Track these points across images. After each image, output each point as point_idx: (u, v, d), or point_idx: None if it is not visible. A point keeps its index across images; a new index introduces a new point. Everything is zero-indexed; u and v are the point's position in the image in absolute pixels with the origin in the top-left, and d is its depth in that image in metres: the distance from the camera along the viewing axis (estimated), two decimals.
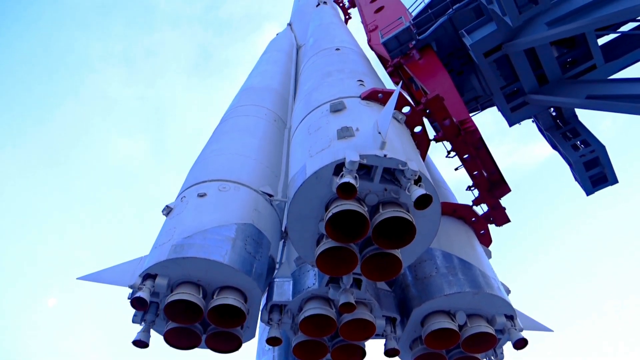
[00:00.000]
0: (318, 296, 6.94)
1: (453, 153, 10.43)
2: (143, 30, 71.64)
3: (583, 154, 13.36)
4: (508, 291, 7.89)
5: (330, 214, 5.41)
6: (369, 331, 6.93)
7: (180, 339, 6.53)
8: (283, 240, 8.23)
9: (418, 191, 5.13)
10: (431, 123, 12.45)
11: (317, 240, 6.06)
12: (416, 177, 5.36)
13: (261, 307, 6.97)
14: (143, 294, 5.81)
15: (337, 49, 10.52)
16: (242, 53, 73.61)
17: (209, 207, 7.00)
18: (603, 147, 13.22)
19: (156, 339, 6.49)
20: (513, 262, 47.69)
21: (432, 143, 8.28)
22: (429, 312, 7.20)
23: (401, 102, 6.96)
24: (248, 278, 6.25)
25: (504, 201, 10.67)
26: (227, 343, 6.65)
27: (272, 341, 6.70)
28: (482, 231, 9.31)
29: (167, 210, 7.22)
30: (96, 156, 59.39)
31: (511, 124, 14.02)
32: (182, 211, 6.98)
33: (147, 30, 71.82)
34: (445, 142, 10.28)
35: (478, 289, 7.10)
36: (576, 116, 14.38)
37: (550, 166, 55.41)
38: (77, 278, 7.25)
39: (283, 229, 8.01)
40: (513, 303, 7.40)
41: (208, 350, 6.70)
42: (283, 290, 7.14)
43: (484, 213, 10.57)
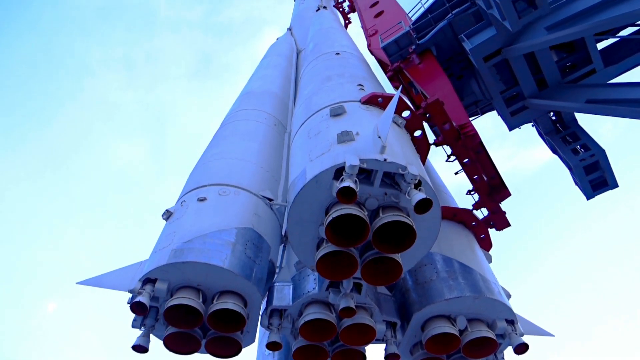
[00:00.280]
0: (318, 301, 6.92)
1: (453, 157, 10.44)
2: (143, 34, 71.90)
3: (583, 158, 13.35)
4: (508, 295, 7.88)
5: (330, 218, 5.42)
6: (369, 336, 6.91)
7: (180, 344, 6.51)
8: (283, 244, 8.22)
9: (418, 195, 5.13)
10: (431, 127, 12.49)
11: (317, 244, 6.05)
12: (416, 181, 5.36)
13: (261, 312, 6.96)
14: (143, 299, 5.80)
15: (337, 54, 10.55)
16: (242, 57, 73.88)
17: (209, 212, 7.00)
18: (603, 151, 13.21)
19: (156, 344, 6.48)
20: (513, 266, 47.63)
21: (432, 147, 8.30)
22: (430, 317, 7.18)
23: (401, 107, 6.97)
24: (248, 282, 6.24)
25: (504, 205, 10.70)
26: (227, 348, 6.62)
27: (272, 346, 6.68)
28: (483, 235, 9.30)
29: (167, 214, 7.22)
30: (96, 160, 59.45)
31: (511, 128, 14.01)
32: (182, 215, 6.98)
33: (148, 34, 72.08)
34: (445, 146, 10.30)
35: (478, 294, 7.08)
36: (576, 120, 14.39)
37: (550, 170, 55.47)
38: (77, 283, 7.24)
39: (283, 233, 8.01)
40: (514, 307, 7.38)
41: (208, 355, 6.68)
42: (283, 294, 7.13)
43: (484, 217, 10.58)
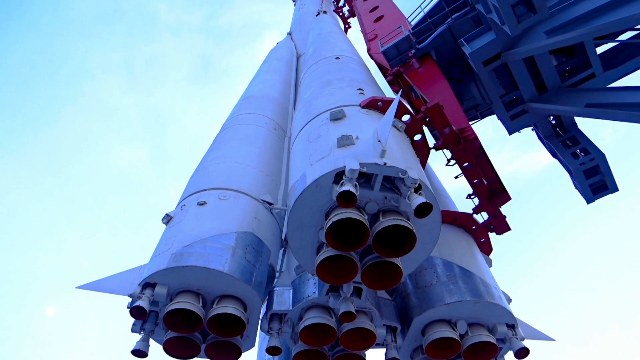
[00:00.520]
0: (318, 305, 6.91)
1: (453, 161, 10.45)
2: (144, 39, 72.16)
3: (583, 162, 13.37)
4: (509, 300, 7.86)
5: (330, 222, 5.41)
6: (370, 340, 6.89)
7: (179, 349, 6.49)
8: (283, 248, 8.22)
9: (418, 199, 5.13)
10: (431, 131, 12.49)
11: (317, 248, 6.05)
12: (416, 185, 5.36)
13: (261, 316, 6.94)
14: (142, 303, 5.79)
15: (337, 58, 10.58)
16: (243, 62, 74.12)
17: (209, 216, 6.99)
18: (603, 155, 13.23)
19: (155, 349, 6.46)
20: (514, 271, 47.57)
21: (432, 151, 8.30)
22: (430, 321, 7.17)
23: (401, 111, 6.98)
24: (248, 287, 6.23)
25: (504, 209, 10.69)
26: (227, 352, 6.61)
27: (272, 350, 6.66)
28: (483, 239, 9.29)
29: (167, 218, 7.22)
30: (96, 164, 59.52)
31: (511, 132, 14.04)
32: (182, 220, 6.97)
33: (148, 39, 72.32)
34: (445, 150, 10.31)
35: (479, 298, 7.07)
36: (576, 124, 14.42)
37: (550, 174, 55.46)
38: (77, 287, 7.24)
39: (283, 238, 8.00)
40: (514, 312, 7.36)
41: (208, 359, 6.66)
42: (283, 299, 7.11)
43: (485, 221, 10.57)
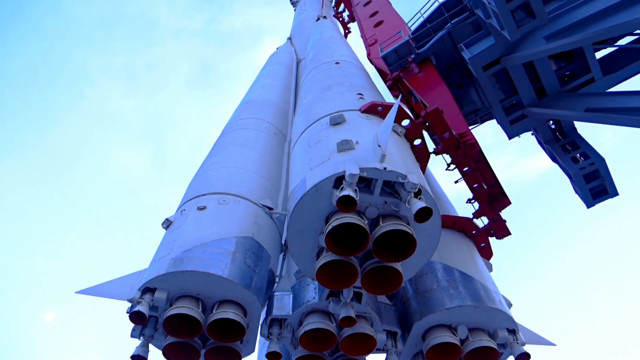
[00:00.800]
0: (318, 310, 6.89)
1: (453, 166, 10.46)
2: (144, 43, 72.43)
3: (583, 167, 13.37)
4: (510, 304, 7.84)
5: (330, 227, 5.41)
6: (370, 345, 6.86)
7: (179, 354, 6.46)
8: (283, 253, 8.20)
9: (418, 204, 5.13)
10: (431, 136, 12.52)
11: (317, 253, 6.04)
12: (416, 190, 5.36)
13: (261, 321, 6.92)
14: (142, 308, 5.77)
15: (337, 63, 10.61)
16: (243, 66, 74.35)
17: (209, 220, 6.99)
18: (603, 160, 13.24)
19: (155, 354, 6.44)
20: (514, 275, 47.47)
21: (432, 156, 8.31)
22: (430, 326, 7.14)
23: (401, 115, 6.99)
24: (248, 292, 6.21)
25: (504, 214, 10.69)
26: (227, 358, 6.57)
27: (272, 356, 6.63)
28: (483, 244, 9.28)
29: (167, 223, 7.21)
30: (96, 168, 59.54)
31: (510, 137, 14.05)
32: (182, 224, 6.97)
33: (148, 43, 72.56)
34: (445, 155, 10.32)
35: (479, 303, 7.05)
36: (575, 129, 14.43)
37: (550, 178, 55.51)
38: (76, 292, 7.22)
39: (283, 242, 8.00)
40: (515, 316, 7.34)
41: None
42: (283, 304, 7.10)
43: (485, 226, 10.57)
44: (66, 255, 52.14)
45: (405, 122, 7.12)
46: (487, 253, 9.37)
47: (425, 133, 8.13)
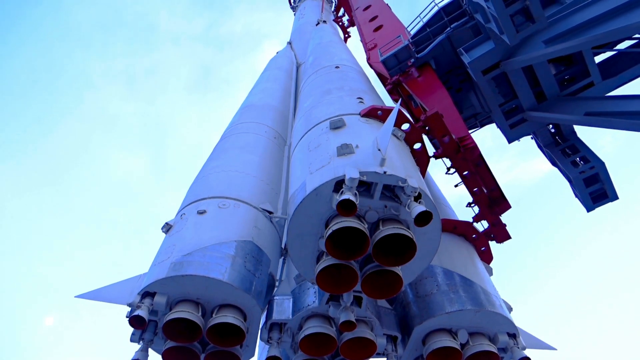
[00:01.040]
0: (318, 314, 6.88)
1: (453, 170, 10.46)
2: (144, 47, 72.47)
3: (583, 171, 13.36)
4: (510, 308, 7.82)
5: (330, 231, 5.41)
6: (370, 350, 6.84)
7: (178, 358, 6.44)
8: (283, 257, 8.19)
9: (418, 208, 5.13)
10: (430, 140, 12.52)
11: (317, 257, 6.03)
12: (416, 194, 5.37)
13: (261, 325, 6.90)
14: (141, 313, 5.76)
15: (337, 67, 10.63)
16: (243, 71, 74.43)
17: (209, 225, 6.98)
18: (602, 164, 13.24)
19: (155, 359, 6.41)
20: (514, 279, 47.36)
21: (432, 160, 8.31)
22: (431, 330, 7.13)
23: (400, 119, 7.00)
24: (247, 296, 6.20)
25: (504, 218, 10.68)
26: None
27: None
28: (483, 248, 9.27)
29: (167, 227, 7.20)
30: (96, 172, 59.47)
31: (510, 141, 14.07)
32: (182, 228, 6.96)
33: (148, 47, 72.66)
34: (445, 159, 10.33)
35: (480, 307, 7.04)
36: (575, 133, 14.44)
37: (550, 182, 55.44)
38: (76, 296, 7.20)
39: (283, 246, 7.98)
40: (515, 321, 7.33)
41: None
42: (283, 308, 7.08)
43: (485, 230, 10.56)
44: (65, 259, 52.11)
45: (405, 126, 7.13)
46: (487, 257, 9.36)
47: (425, 137, 8.13)
